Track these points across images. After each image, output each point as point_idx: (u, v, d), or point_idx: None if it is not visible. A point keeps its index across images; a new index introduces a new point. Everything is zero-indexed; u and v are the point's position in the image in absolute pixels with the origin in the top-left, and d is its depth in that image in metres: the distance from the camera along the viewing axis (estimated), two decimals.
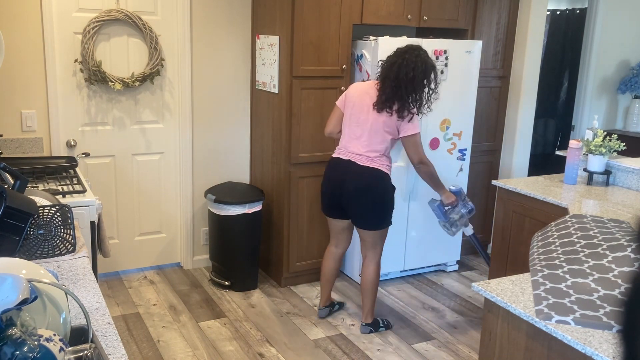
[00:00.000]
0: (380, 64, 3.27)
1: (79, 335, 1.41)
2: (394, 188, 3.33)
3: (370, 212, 3.28)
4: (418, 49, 3.20)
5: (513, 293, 1.98)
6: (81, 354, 1.18)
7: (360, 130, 3.25)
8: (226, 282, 4.00)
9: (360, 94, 3.28)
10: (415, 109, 3.20)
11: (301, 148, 3.89)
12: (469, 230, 3.63)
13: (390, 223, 3.38)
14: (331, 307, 3.71)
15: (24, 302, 1.17)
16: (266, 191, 4.10)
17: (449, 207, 3.49)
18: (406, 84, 3.12)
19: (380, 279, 4.23)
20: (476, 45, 4.13)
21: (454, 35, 4.32)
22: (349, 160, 3.27)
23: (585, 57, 5.40)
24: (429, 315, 3.77)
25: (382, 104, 3.18)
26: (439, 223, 3.60)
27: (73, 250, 2.10)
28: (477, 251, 3.96)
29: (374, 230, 3.33)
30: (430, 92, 3.24)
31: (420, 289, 4.16)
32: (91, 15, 3.70)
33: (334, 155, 3.38)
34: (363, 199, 3.25)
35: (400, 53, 3.18)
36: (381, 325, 3.55)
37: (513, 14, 4.49)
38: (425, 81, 3.18)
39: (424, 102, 3.24)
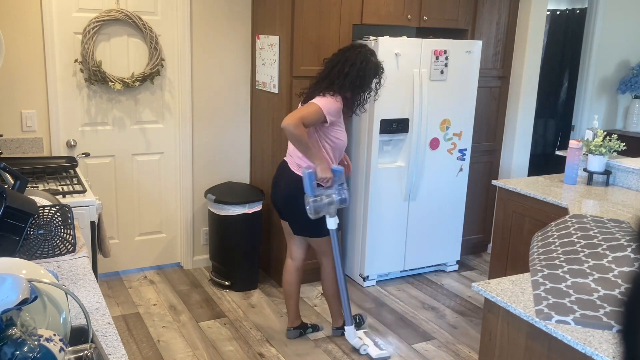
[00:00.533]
0: (324, 61, 3.14)
1: (79, 335, 1.41)
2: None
3: (298, 222, 3.13)
4: (362, 47, 3.06)
5: (513, 293, 1.98)
6: (81, 354, 1.18)
7: None
8: (226, 282, 4.00)
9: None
10: (333, 96, 2.96)
11: None
12: (332, 223, 3.09)
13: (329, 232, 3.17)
14: (302, 330, 3.43)
15: (24, 302, 1.17)
16: (266, 191, 4.10)
17: (321, 185, 3.03)
18: (335, 78, 2.96)
19: (380, 279, 4.23)
20: (476, 45, 4.13)
21: (454, 35, 4.32)
22: (285, 162, 3.16)
23: (585, 57, 5.40)
24: (429, 315, 3.77)
25: (305, 96, 3.05)
26: (305, 199, 3.03)
27: (73, 250, 2.10)
28: (335, 265, 3.22)
29: (311, 237, 3.17)
30: (369, 91, 3.06)
31: (420, 289, 4.16)
32: (91, 15, 3.70)
33: None
34: (288, 209, 3.14)
35: (342, 51, 3.08)
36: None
37: (513, 14, 4.49)
38: (362, 80, 3.00)
39: (360, 102, 3.06)
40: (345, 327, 3.30)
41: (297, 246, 3.31)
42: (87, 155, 3.75)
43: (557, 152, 4.09)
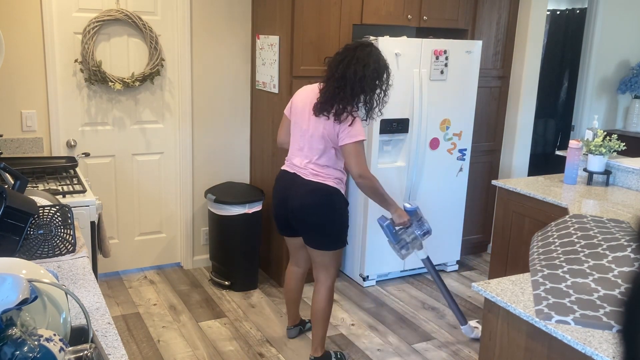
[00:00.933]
0: (326, 61, 2.91)
1: (79, 335, 1.41)
2: (346, 204, 2.97)
3: (318, 232, 2.92)
4: (370, 45, 2.84)
5: (513, 293, 1.98)
6: (81, 354, 1.18)
7: (302, 141, 2.90)
8: (226, 282, 4.00)
9: (304, 98, 2.92)
10: (357, 111, 2.81)
11: None
12: (422, 253, 3.16)
13: (344, 244, 3.00)
14: (301, 327, 3.44)
15: (24, 302, 1.17)
16: (266, 191, 4.10)
17: (401, 227, 3.02)
18: (354, 83, 2.74)
19: (381, 279, 4.23)
20: (476, 45, 4.13)
21: (454, 35, 4.32)
22: (294, 174, 2.92)
23: (585, 57, 5.40)
24: (429, 315, 3.77)
25: (320, 105, 2.80)
26: (389, 243, 3.10)
27: (73, 250, 2.10)
28: (436, 284, 3.27)
29: (325, 250, 2.96)
30: (382, 94, 2.86)
31: (420, 289, 4.16)
32: (91, 15, 3.70)
33: (282, 167, 3.05)
34: (308, 218, 2.89)
35: (350, 49, 2.81)
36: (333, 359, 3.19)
37: (513, 14, 4.49)
38: (377, 82, 2.81)
39: (375, 105, 2.86)
40: (461, 327, 3.41)
41: (304, 260, 3.20)
42: (87, 155, 3.75)
43: (557, 152, 4.09)
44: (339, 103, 2.75)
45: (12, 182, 2.21)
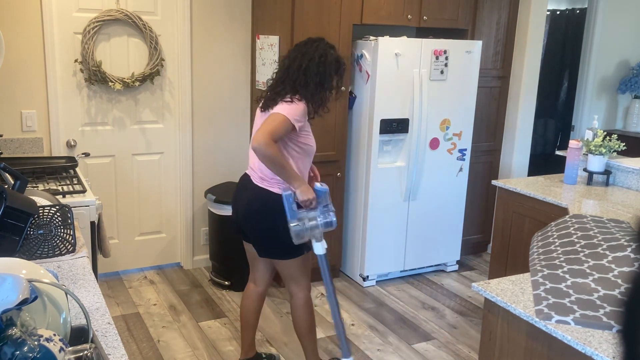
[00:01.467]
0: (281, 59, 2.86)
1: (79, 335, 1.41)
2: None
3: (265, 240, 2.76)
4: (319, 40, 2.73)
5: (513, 293, 1.98)
6: (81, 354, 1.18)
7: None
8: (226, 282, 4.00)
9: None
10: (301, 101, 2.61)
11: None
12: (320, 247, 2.64)
13: (300, 252, 2.74)
14: None
15: (24, 302, 1.17)
16: None
17: (303, 208, 2.62)
18: (297, 76, 2.62)
19: (380, 279, 4.23)
20: (476, 45, 4.13)
21: (454, 35, 4.32)
22: (247, 175, 2.79)
23: (585, 57, 5.40)
24: (429, 315, 3.77)
25: (264, 101, 2.71)
26: (289, 223, 2.59)
27: (73, 250, 2.10)
28: (325, 289, 2.79)
29: (278, 260, 2.79)
30: (332, 89, 2.71)
31: (420, 289, 4.16)
32: (91, 15, 3.70)
33: None
34: (254, 225, 2.74)
35: (299, 46, 2.74)
36: None
37: (513, 14, 4.49)
38: (323, 75, 2.66)
39: (322, 102, 2.69)
40: None
41: (262, 270, 2.94)
42: (87, 155, 3.75)
43: (557, 152, 4.09)
44: (284, 94, 2.63)
45: (12, 182, 2.21)
